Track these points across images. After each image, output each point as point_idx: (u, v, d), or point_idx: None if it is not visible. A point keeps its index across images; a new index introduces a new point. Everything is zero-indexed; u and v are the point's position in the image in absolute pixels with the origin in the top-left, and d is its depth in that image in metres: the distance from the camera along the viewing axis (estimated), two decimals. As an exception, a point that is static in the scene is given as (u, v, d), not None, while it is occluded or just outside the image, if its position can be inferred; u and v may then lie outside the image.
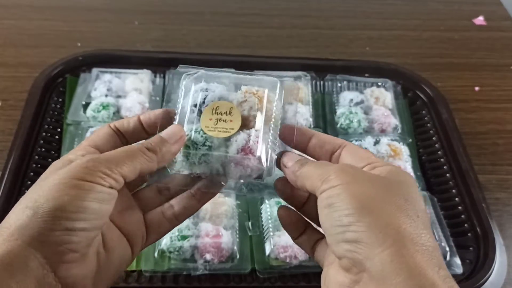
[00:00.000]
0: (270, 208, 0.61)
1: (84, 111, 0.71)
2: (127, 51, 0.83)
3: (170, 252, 0.57)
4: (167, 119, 0.41)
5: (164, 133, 0.39)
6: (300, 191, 0.40)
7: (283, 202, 0.61)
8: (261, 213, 0.62)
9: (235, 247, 0.58)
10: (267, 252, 0.58)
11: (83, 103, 0.72)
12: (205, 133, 0.40)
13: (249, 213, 0.63)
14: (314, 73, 0.81)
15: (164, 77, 0.78)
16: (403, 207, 0.32)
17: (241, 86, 0.43)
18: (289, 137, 0.41)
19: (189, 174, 0.41)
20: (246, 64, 0.81)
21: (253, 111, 0.42)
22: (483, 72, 0.93)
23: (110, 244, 0.37)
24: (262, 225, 0.61)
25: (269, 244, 0.58)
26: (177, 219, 0.42)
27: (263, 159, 0.40)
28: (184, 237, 0.56)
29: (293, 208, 0.42)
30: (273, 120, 0.42)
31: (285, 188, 0.41)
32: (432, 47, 0.98)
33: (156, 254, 0.57)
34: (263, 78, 0.44)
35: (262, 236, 0.60)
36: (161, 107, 0.75)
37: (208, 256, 0.56)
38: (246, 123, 0.41)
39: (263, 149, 0.40)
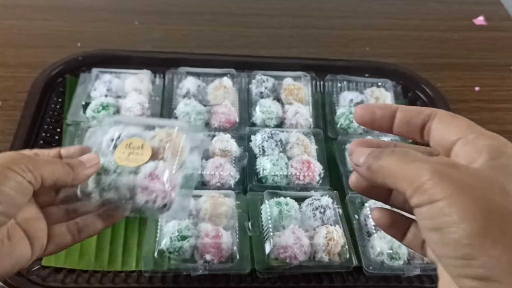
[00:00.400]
0: (270, 208, 0.61)
1: (84, 111, 0.71)
2: (127, 51, 0.83)
3: (170, 253, 0.57)
4: (85, 153, 0.46)
5: (82, 157, 0.45)
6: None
7: (283, 202, 0.62)
8: (261, 213, 0.62)
9: (235, 248, 0.58)
10: (267, 252, 0.58)
11: (83, 103, 0.72)
12: (116, 163, 0.46)
13: (249, 213, 0.63)
14: (314, 73, 0.81)
15: (164, 78, 0.78)
16: None
17: (155, 127, 0.50)
18: (368, 117, 0.34)
19: (99, 199, 0.45)
20: (246, 64, 0.81)
21: (163, 143, 0.48)
22: (483, 72, 0.93)
23: (14, 240, 0.40)
24: (262, 225, 0.61)
25: (269, 244, 0.58)
26: (79, 236, 0.45)
27: (168, 185, 0.45)
28: (184, 238, 0.56)
29: (388, 207, 0.36)
30: (179, 153, 0.48)
31: (362, 183, 0.35)
32: (432, 47, 0.98)
33: (156, 255, 0.57)
34: (174, 121, 0.53)
35: (262, 236, 0.60)
36: (161, 108, 0.76)
37: (208, 257, 0.56)
38: (156, 156, 0.47)
39: (169, 176, 0.45)
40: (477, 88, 0.90)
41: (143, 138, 0.48)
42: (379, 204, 0.37)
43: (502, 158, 0.28)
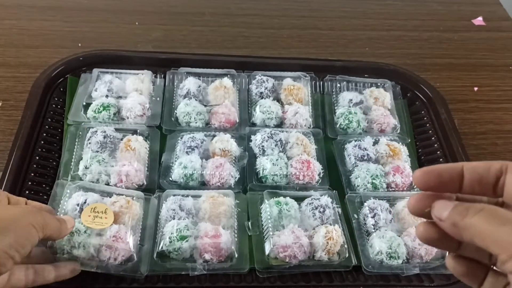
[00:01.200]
0: (269, 208, 0.61)
1: (85, 112, 0.71)
2: (127, 52, 0.84)
3: (169, 252, 0.57)
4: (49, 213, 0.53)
5: (63, 217, 0.52)
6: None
7: (283, 202, 0.62)
8: (260, 213, 0.63)
9: (234, 247, 0.58)
10: (267, 251, 0.58)
11: (84, 103, 0.72)
12: (85, 225, 0.55)
13: (248, 213, 0.63)
14: (313, 73, 0.81)
15: (164, 78, 0.78)
16: None
17: (113, 194, 0.59)
18: (434, 182, 0.32)
19: (66, 255, 0.53)
20: (246, 65, 0.81)
21: (123, 208, 0.57)
22: (482, 72, 0.94)
23: None
24: (262, 224, 0.61)
25: (269, 243, 0.58)
26: (32, 282, 0.50)
27: (131, 244, 0.55)
28: (183, 237, 0.56)
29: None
30: (136, 219, 0.58)
31: (432, 235, 0.32)
32: (431, 48, 0.99)
33: (155, 255, 0.57)
34: (131, 191, 0.61)
35: (261, 236, 0.60)
36: (162, 109, 0.76)
37: (207, 256, 0.56)
38: (117, 219, 0.57)
39: (130, 237, 0.55)
40: (476, 88, 0.90)
41: (105, 203, 0.58)
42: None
43: None
